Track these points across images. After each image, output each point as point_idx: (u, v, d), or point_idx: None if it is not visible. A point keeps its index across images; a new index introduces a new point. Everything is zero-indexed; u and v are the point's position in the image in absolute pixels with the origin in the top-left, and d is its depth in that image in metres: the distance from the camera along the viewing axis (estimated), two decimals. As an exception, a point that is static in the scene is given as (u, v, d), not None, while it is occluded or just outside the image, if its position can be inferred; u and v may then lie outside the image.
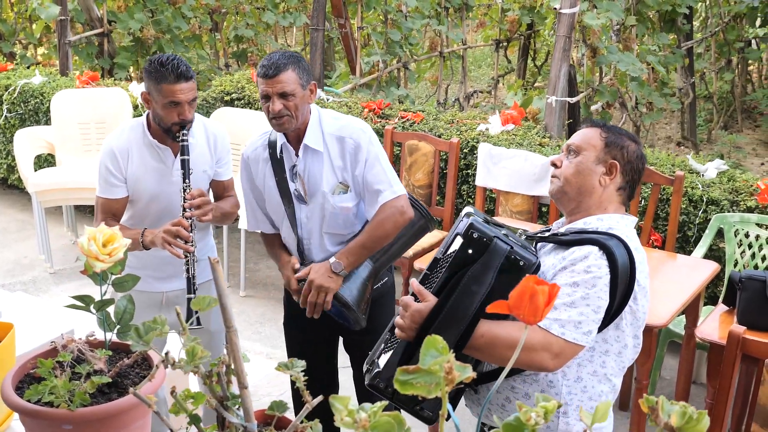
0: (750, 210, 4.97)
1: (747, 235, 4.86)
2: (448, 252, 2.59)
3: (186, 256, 3.41)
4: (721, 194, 5.09)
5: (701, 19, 10.95)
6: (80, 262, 1.80)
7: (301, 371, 1.60)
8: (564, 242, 2.60)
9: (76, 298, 1.78)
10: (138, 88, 7.26)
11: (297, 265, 3.44)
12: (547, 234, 2.74)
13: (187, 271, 3.43)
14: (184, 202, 3.43)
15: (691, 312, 4.27)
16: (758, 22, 10.51)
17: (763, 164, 9.62)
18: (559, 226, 2.81)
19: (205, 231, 3.82)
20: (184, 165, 3.44)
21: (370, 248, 3.36)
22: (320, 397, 1.62)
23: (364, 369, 2.83)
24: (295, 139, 3.38)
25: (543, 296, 1.45)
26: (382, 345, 2.82)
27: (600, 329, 2.53)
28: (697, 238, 5.10)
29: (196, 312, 3.29)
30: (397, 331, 2.61)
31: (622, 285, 2.49)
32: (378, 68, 8.50)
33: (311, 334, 3.66)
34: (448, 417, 1.79)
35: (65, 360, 1.77)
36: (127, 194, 3.62)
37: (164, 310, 3.71)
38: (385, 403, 1.27)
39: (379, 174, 3.34)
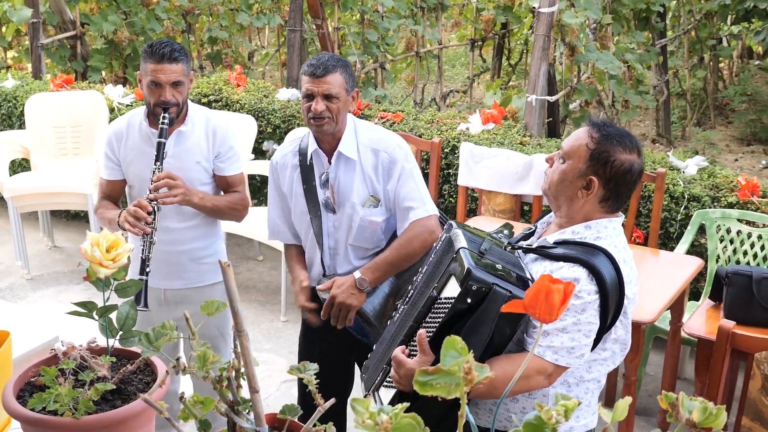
0: (731, 206, 5.00)
1: (728, 231, 4.89)
2: (443, 295, 2.52)
3: (144, 238, 3.41)
4: (702, 190, 5.12)
5: (673, 18, 11.02)
6: (52, 269, 1.78)
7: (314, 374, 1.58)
8: (551, 256, 2.56)
9: (78, 304, 1.75)
10: (114, 91, 7.21)
11: (306, 283, 3.38)
12: (534, 243, 2.67)
13: (142, 252, 3.42)
14: (151, 184, 3.46)
15: (676, 308, 4.29)
16: (731, 20, 10.58)
17: (736, 160, 9.70)
18: (543, 226, 2.77)
19: (211, 229, 3.81)
20: (159, 148, 3.47)
21: (396, 266, 3.28)
22: (332, 400, 1.60)
23: (363, 395, 2.79)
24: (329, 146, 3.34)
25: (558, 295, 1.45)
26: (381, 374, 2.75)
27: (591, 348, 2.52)
28: (679, 235, 5.13)
29: (145, 294, 3.32)
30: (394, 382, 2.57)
31: (612, 304, 2.47)
32: (355, 69, 8.48)
33: (327, 349, 3.57)
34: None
35: (68, 367, 1.74)
36: (123, 178, 3.71)
37: (163, 307, 3.73)
38: (406, 404, 1.26)
39: (413, 191, 3.29)
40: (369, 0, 8.75)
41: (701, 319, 3.94)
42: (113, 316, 1.81)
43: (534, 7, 6.37)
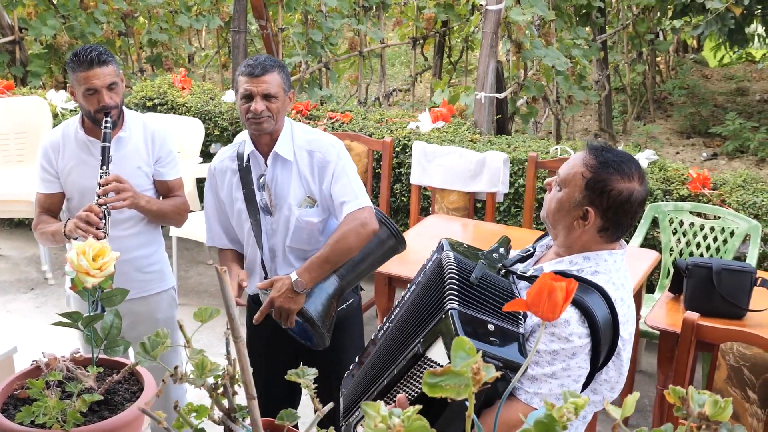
0: (683, 198, 5.07)
1: (681, 224, 4.96)
2: (429, 355, 2.31)
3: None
4: (654, 184, 5.19)
5: (612, 13, 11.18)
6: (16, 277, 1.73)
7: (313, 384, 1.56)
8: None
9: (63, 315, 1.71)
10: (56, 96, 7.08)
11: (245, 282, 3.32)
12: (529, 269, 2.50)
13: None
14: (99, 188, 3.39)
15: (634, 301, 4.33)
16: (669, 14, 10.76)
17: (678, 153, 9.85)
18: (542, 250, 2.65)
19: (154, 236, 3.76)
20: (104, 152, 3.42)
21: (333, 262, 3.25)
22: (331, 404, 1.59)
23: (341, 414, 2.71)
24: (266, 148, 3.33)
25: (561, 293, 1.44)
26: (359, 411, 2.60)
27: (581, 391, 2.38)
28: (632, 228, 5.18)
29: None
30: None
31: (604, 347, 2.33)
32: (300, 69, 8.44)
33: (274, 351, 3.54)
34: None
35: (55, 379, 1.70)
36: (62, 190, 3.64)
37: None
38: (418, 407, 1.24)
39: (345, 186, 3.28)
40: (312, 0, 8.72)
41: (662, 312, 3.98)
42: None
43: (481, 5, 6.39)
